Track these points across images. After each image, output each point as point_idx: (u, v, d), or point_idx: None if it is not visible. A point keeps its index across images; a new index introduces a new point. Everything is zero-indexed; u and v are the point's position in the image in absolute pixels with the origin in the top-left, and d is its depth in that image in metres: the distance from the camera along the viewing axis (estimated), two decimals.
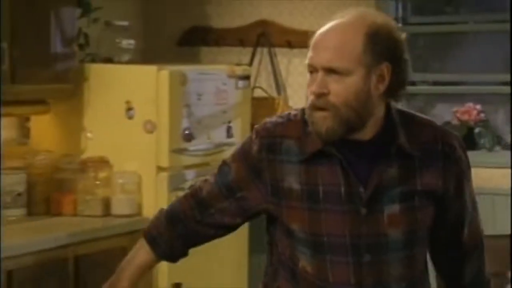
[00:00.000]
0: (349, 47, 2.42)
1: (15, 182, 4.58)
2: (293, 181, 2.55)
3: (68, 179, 4.74)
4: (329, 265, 2.53)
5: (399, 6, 5.43)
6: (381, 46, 2.44)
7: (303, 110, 2.61)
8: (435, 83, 5.65)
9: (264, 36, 5.51)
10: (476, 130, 5.39)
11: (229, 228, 2.72)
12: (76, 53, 4.77)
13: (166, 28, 5.70)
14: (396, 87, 2.48)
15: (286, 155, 2.57)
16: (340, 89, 2.42)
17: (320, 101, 2.44)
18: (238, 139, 5.08)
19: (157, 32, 5.57)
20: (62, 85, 4.70)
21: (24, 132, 4.94)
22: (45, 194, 4.75)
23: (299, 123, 2.59)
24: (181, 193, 4.58)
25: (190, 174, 4.84)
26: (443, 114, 5.68)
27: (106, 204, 4.71)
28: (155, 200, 4.71)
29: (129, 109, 4.74)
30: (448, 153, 2.56)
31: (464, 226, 2.64)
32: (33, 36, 4.49)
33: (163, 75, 4.66)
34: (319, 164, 2.53)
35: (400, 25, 5.32)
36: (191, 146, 4.82)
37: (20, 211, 4.58)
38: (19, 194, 4.57)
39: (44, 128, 4.96)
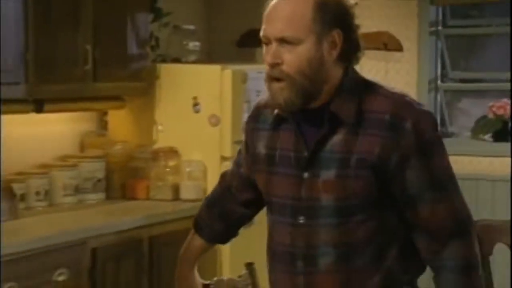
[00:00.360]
0: (299, 17, 2.36)
1: (95, 169, 4.76)
2: (262, 147, 2.55)
3: (142, 167, 4.92)
4: (275, 225, 2.52)
5: (439, 10, 5.49)
6: (330, 14, 2.37)
7: None
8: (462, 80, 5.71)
9: None
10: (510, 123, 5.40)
11: (255, 204, 2.71)
12: (148, 54, 4.92)
13: (227, 32, 5.74)
14: (349, 52, 2.41)
15: (262, 123, 2.56)
16: (293, 58, 2.36)
17: (275, 71, 2.37)
18: None
19: (218, 35, 5.66)
20: (137, 83, 4.85)
21: (103, 125, 5.11)
22: (121, 181, 4.92)
23: None
24: None
25: None
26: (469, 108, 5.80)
27: (175, 189, 4.88)
28: None
29: (196, 104, 4.89)
30: (395, 124, 2.38)
31: (416, 206, 2.41)
32: (112, 39, 4.62)
33: (226, 74, 4.83)
34: (281, 130, 2.50)
35: (440, 28, 5.48)
36: None
37: (99, 196, 4.78)
38: (98, 180, 4.77)
39: (120, 121, 5.10)
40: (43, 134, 4.77)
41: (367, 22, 5.42)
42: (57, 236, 4.01)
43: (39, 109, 4.34)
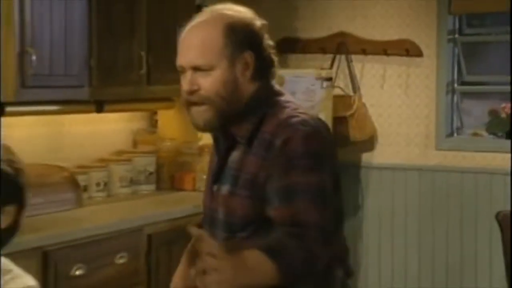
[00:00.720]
0: (210, 44, 2.34)
1: (147, 163, 4.98)
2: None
3: (188, 161, 5.14)
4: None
5: (456, 20, 5.60)
6: (240, 37, 2.36)
7: None
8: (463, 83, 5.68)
9: (343, 45, 5.69)
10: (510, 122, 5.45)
11: None
12: None
13: None
14: (263, 69, 2.39)
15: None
16: (208, 83, 2.34)
17: (193, 97, 2.36)
18: None
19: None
20: None
21: (153, 123, 5.31)
22: (170, 173, 5.13)
23: None
24: None
25: None
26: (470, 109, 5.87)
27: None
28: None
29: None
30: (270, 143, 2.33)
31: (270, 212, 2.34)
32: (163, 46, 4.77)
33: None
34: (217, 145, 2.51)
35: (457, 35, 5.63)
36: None
37: (151, 187, 5.00)
38: (150, 173, 4.99)
39: (169, 120, 5.29)
40: (102, 132, 4.99)
41: (391, 31, 5.68)
42: (118, 224, 4.21)
43: (99, 110, 4.55)
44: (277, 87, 2.46)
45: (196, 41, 2.36)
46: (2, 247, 2.10)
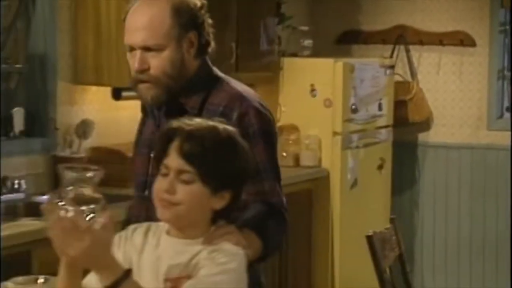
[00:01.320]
0: (158, 25, 2.29)
1: None
2: (138, 132, 2.51)
3: None
4: (133, 202, 2.47)
5: (507, 13, 5.78)
6: (186, 18, 2.31)
7: None
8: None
9: (402, 37, 5.93)
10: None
11: None
12: (275, 50, 5.35)
13: (329, 31, 6.11)
14: (204, 47, 2.36)
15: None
16: (158, 63, 2.30)
17: (143, 76, 2.31)
18: (385, 112, 5.70)
19: (322, 34, 6.02)
20: (266, 73, 5.30)
21: None
22: None
23: None
24: (349, 152, 5.37)
25: (355, 137, 5.38)
26: None
27: (296, 158, 5.33)
28: (331, 155, 5.28)
29: (313, 90, 5.31)
30: (224, 115, 2.26)
31: None
32: (249, 38, 5.07)
33: (338, 66, 5.26)
34: (147, 119, 2.46)
35: (507, 27, 5.84)
36: (356, 116, 5.37)
37: None
38: None
39: None
40: None
41: (446, 23, 5.92)
42: None
43: None
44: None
45: (145, 22, 2.29)
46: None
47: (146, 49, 2.29)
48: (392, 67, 5.78)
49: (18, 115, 4.21)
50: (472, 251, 5.91)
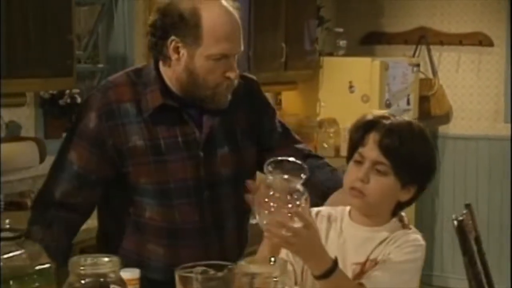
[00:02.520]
0: (241, 32, 2.30)
1: None
2: (137, 139, 2.29)
3: (310, 132, 5.63)
4: (176, 208, 2.33)
5: None
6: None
7: (129, 73, 2.38)
8: None
9: (423, 37, 6.32)
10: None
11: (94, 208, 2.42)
12: (316, 50, 5.73)
13: (354, 33, 6.43)
14: None
15: (126, 117, 2.30)
16: (236, 67, 2.31)
17: (232, 80, 2.30)
18: (412, 106, 6.06)
19: (347, 35, 6.27)
20: (308, 71, 5.64)
21: (277, 102, 5.86)
22: None
23: (128, 87, 2.34)
24: None
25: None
26: None
27: (336, 149, 5.66)
28: None
29: (351, 86, 5.67)
30: (248, 93, 2.42)
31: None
32: (296, 39, 5.43)
33: (375, 64, 5.63)
34: (159, 119, 2.31)
35: None
36: (390, 111, 5.36)
37: None
38: None
39: (291, 99, 5.89)
40: None
41: (466, 24, 6.35)
42: None
43: None
44: None
45: (237, 30, 2.28)
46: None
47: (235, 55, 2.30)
48: (418, 65, 6.18)
49: None
50: (489, 238, 6.28)
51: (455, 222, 3.27)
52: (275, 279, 1.71)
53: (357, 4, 6.57)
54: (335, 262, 1.91)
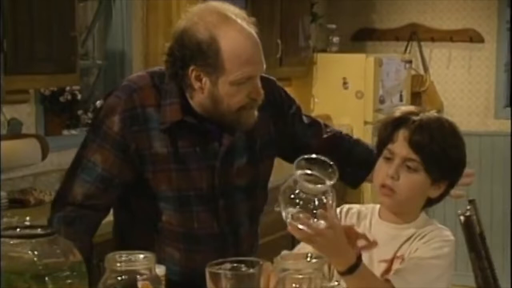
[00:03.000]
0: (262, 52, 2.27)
1: None
2: (159, 146, 2.27)
3: None
4: (195, 215, 2.33)
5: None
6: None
7: (152, 75, 2.33)
8: None
9: (414, 34, 6.37)
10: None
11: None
12: (310, 47, 5.74)
13: (345, 29, 6.47)
14: None
15: (150, 122, 2.27)
16: (260, 89, 2.26)
17: (257, 102, 2.26)
18: (405, 102, 6.08)
19: (339, 32, 6.34)
20: (302, 67, 5.68)
21: None
22: None
23: (152, 90, 2.30)
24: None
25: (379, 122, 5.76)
26: None
27: None
28: None
29: (345, 83, 5.71)
30: (271, 101, 2.38)
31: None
32: (291, 35, 5.46)
33: (369, 60, 5.67)
34: (179, 130, 2.28)
35: None
36: (383, 107, 5.75)
37: None
38: None
39: None
40: None
41: (456, 21, 6.39)
42: None
43: None
44: None
45: (258, 49, 2.24)
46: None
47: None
48: (410, 61, 6.23)
49: None
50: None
51: (462, 218, 3.27)
52: (310, 276, 1.71)
53: (349, 1, 6.59)
54: (358, 257, 1.91)
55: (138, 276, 1.74)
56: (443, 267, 2.01)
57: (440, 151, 2.01)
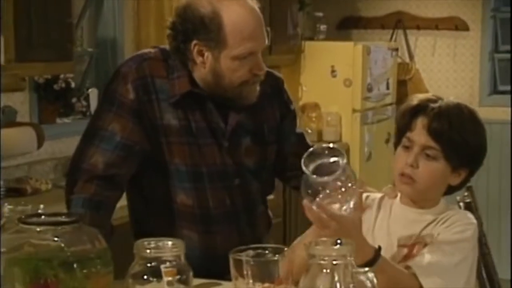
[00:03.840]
0: (264, 28, 2.34)
1: None
2: (170, 118, 2.28)
3: None
4: (209, 192, 2.33)
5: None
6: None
7: (161, 50, 2.34)
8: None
9: (400, 22, 6.36)
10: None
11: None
12: (298, 35, 5.69)
13: (331, 17, 6.41)
14: None
15: (160, 93, 2.28)
16: (262, 62, 2.32)
17: (260, 77, 2.29)
18: (391, 90, 6.10)
19: (324, 20, 6.25)
20: (290, 55, 5.64)
21: None
22: None
23: (161, 63, 2.31)
24: (366, 127, 5.78)
25: (370, 114, 5.75)
26: None
27: (319, 133, 5.69)
28: (351, 131, 5.65)
29: (333, 71, 5.66)
30: (275, 90, 2.45)
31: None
32: (280, 23, 5.41)
33: (357, 48, 5.63)
34: (188, 102, 2.30)
35: (497, 13, 6.39)
36: (371, 95, 5.75)
37: None
38: None
39: None
40: None
41: (442, 9, 6.41)
42: None
43: None
44: None
45: (261, 27, 2.29)
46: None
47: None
48: (396, 49, 6.22)
49: (93, 95, 4.50)
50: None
51: (462, 204, 3.29)
52: (342, 261, 1.69)
53: None
54: (376, 251, 1.89)
55: (163, 264, 1.74)
56: (467, 250, 2.01)
57: (459, 138, 2.00)
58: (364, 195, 2.14)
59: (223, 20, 2.19)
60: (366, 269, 1.73)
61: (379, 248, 1.90)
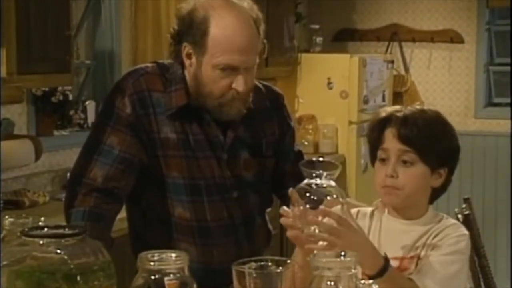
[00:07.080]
0: (256, 44, 2.32)
1: None
2: (168, 131, 2.29)
3: None
4: (207, 205, 2.33)
5: (490, 12, 6.38)
6: (260, 29, 2.35)
7: (158, 65, 2.37)
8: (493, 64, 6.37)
9: (395, 34, 6.40)
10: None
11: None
12: (294, 47, 5.73)
13: (326, 30, 6.44)
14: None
15: (157, 107, 2.30)
16: (249, 80, 2.29)
17: (246, 94, 2.27)
18: (387, 102, 6.10)
19: (320, 32, 6.28)
20: (286, 67, 5.67)
21: None
22: None
23: (158, 77, 2.34)
24: (363, 139, 5.77)
25: (366, 126, 5.56)
26: None
27: (315, 145, 5.71)
28: (347, 143, 5.69)
29: (329, 83, 5.70)
30: (274, 105, 2.45)
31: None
32: (277, 35, 5.44)
33: (353, 60, 5.67)
34: (185, 115, 2.31)
35: (492, 26, 6.40)
36: (367, 107, 5.76)
37: None
38: None
39: None
40: None
41: (437, 22, 6.44)
42: None
43: None
44: None
45: (250, 43, 2.27)
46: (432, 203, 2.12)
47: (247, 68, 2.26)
48: (392, 62, 6.25)
49: (91, 107, 4.49)
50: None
51: (460, 216, 3.29)
52: (346, 274, 1.68)
53: (330, 1, 6.60)
54: (386, 259, 1.88)
55: (166, 276, 1.73)
56: (462, 261, 2.02)
57: (430, 139, 2.02)
58: (355, 209, 2.14)
59: (210, 28, 2.22)
60: (371, 281, 1.72)
61: (386, 256, 1.89)
